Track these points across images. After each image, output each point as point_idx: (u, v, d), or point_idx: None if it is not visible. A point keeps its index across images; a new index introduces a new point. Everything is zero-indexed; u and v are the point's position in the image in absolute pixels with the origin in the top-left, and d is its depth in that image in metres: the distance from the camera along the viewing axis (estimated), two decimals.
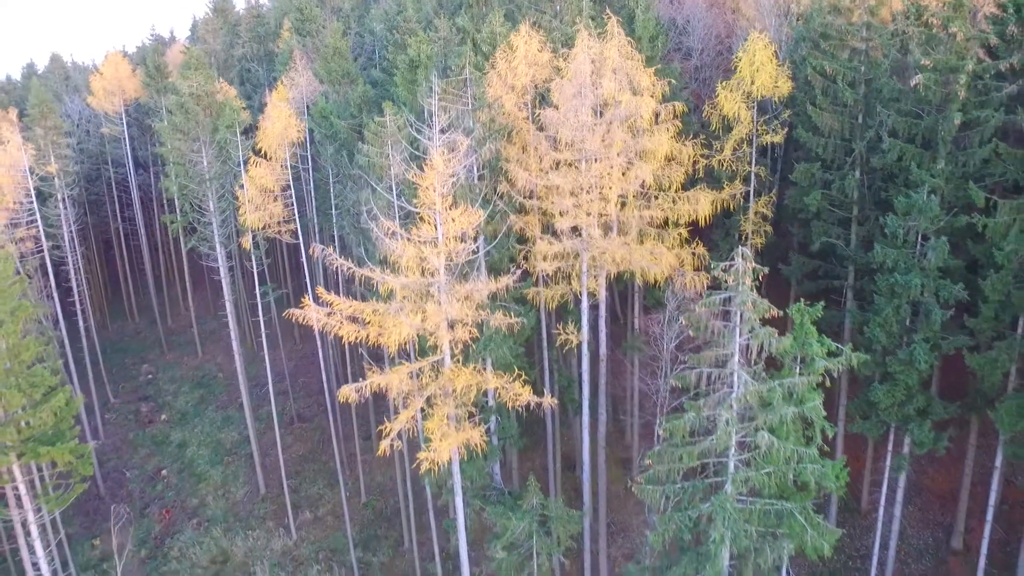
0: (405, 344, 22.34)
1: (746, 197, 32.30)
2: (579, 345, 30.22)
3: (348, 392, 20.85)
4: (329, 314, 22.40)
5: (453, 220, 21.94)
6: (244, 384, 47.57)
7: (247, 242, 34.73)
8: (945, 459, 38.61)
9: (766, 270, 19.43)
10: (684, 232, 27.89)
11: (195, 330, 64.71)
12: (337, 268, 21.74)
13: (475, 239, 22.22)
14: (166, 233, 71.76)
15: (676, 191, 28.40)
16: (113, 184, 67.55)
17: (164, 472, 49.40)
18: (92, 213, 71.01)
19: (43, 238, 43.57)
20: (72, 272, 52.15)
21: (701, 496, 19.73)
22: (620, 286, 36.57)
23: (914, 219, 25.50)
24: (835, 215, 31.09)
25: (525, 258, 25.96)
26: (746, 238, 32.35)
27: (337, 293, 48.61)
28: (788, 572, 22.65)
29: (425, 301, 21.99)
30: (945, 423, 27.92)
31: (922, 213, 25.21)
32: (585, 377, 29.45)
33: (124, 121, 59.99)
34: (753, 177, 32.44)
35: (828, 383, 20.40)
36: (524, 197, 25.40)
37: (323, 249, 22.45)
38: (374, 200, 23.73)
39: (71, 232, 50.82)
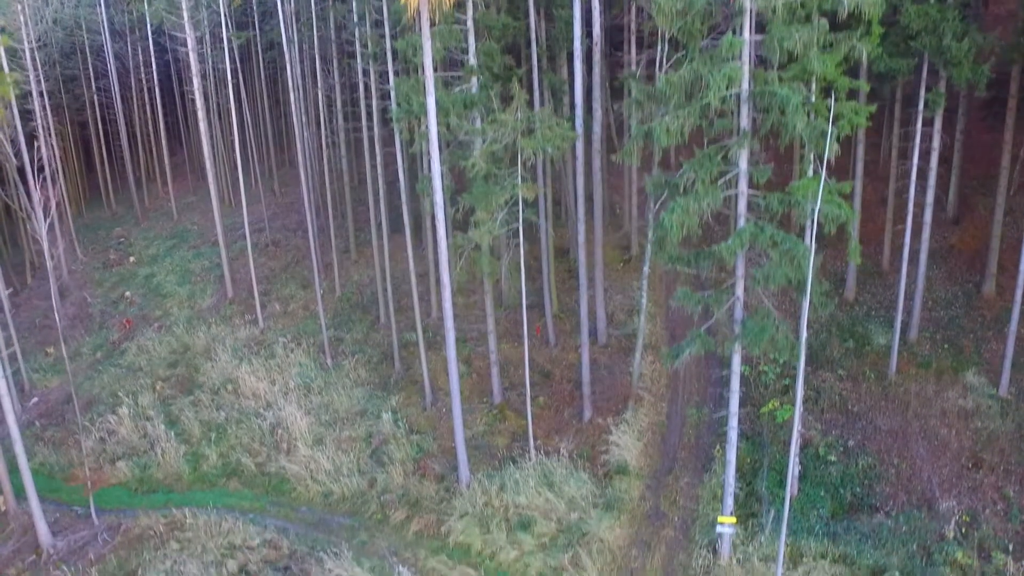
0: None
1: None
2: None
3: None
4: None
5: None
6: (218, 213, 44.20)
7: None
8: (970, 221, 35.63)
9: None
10: None
11: (173, 205, 61.62)
12: None
13: None
14: (144, 111, 68.91)
15: None
16: (88, 53, 64.65)
17: (128, 294, 45.98)
18: (67, 92, 67.99)
19: None
20: (35, 100, 49.05)
21: None
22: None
23: None
24: None
25: None
26: None
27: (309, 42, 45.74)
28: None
29: None
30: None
31: None
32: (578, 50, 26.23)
33: None
34: None
35: None
36: None
37: None
38: None
39: (32, 48, 47.85)
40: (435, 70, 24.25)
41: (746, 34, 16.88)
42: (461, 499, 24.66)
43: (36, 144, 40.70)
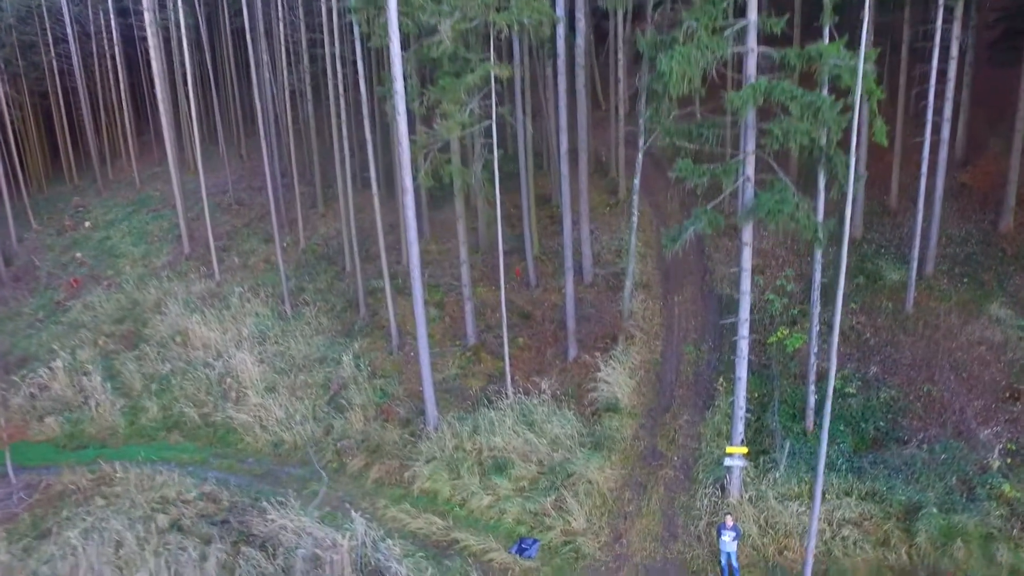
0: None
1: None
2: None
3: None
4: None
5: None
6: (175, 170, 40.98)
7: None
8: (982, 159, 33.07)
9: None
10: None
11: (136, 175, 58.20)
12: None
13: None
14: (107, 79, 65.43)
15: None
16: (46, 17, 61.22)
17: (79, 255, 42.61)
18: (25, 60, 64.37)
19: None
20: None
21: None
22: None
23: None
24: None
25: None
26: None
27: None
28: None
29: None
30: None
31: None
32: None
33: None
34: None
35: None
36: None
37: None
38: None
39: None
40: None
41: None
42: (428, 443, 21.58)
43: None
